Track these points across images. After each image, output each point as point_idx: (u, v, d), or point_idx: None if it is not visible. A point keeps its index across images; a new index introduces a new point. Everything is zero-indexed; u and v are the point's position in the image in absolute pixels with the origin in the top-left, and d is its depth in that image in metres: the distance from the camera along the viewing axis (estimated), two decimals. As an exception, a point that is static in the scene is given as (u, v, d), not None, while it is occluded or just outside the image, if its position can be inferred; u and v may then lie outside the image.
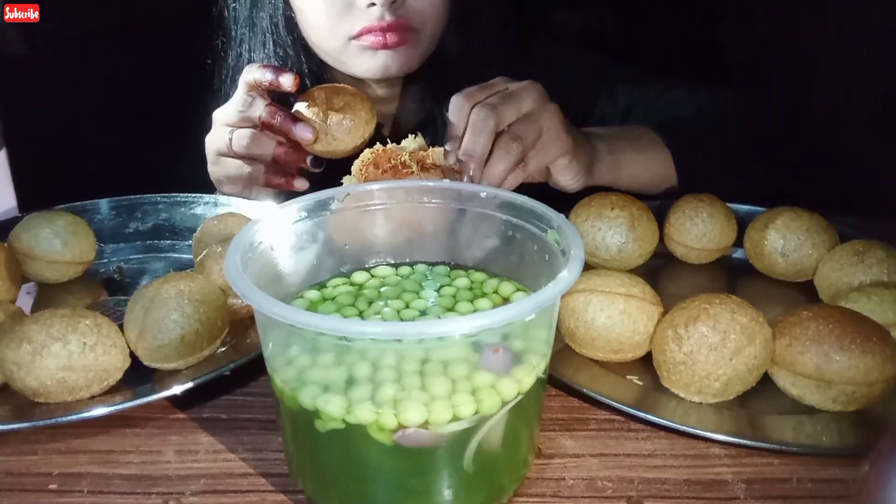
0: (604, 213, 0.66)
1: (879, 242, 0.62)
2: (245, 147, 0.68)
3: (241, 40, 0.83)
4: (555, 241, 0.45)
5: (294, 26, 0.80)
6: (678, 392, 0.51)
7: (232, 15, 0.83)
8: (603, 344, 0.54)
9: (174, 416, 0.51)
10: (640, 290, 0.54)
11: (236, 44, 0.83)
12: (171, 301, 0.52)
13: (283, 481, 0.46)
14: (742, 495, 0.44)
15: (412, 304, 0.49)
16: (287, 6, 0.79)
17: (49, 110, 1.06)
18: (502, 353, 0.41)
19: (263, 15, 0.80)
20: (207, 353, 0.54)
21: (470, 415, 0.39)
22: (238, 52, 0.83)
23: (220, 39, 0.84)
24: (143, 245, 0.75)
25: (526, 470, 0.45)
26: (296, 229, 0.49)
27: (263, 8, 0.80)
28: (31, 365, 0.48)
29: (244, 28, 0.82)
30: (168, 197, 0.77)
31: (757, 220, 0.68)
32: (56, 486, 0.46)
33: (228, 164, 0.72)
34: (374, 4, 0.72)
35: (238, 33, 0.83)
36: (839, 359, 0.49)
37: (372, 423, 0.39)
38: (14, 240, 0.66)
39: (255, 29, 0.81)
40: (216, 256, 0.59)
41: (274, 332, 0.42)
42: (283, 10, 0.79)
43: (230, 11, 0.83)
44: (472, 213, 0.51)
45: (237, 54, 0.83)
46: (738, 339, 0.49)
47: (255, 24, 0.81)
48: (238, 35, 0.83)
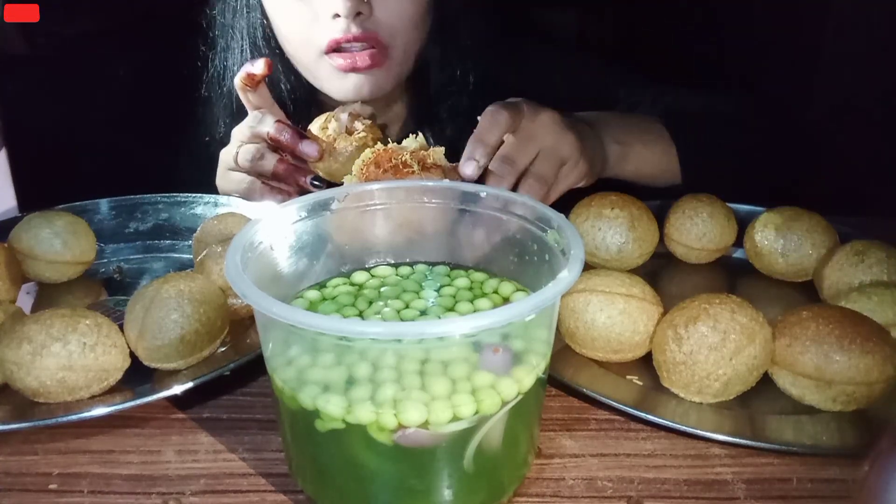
0: (604, 213, 0.66)
1: (879, 242, 0.62)
2: (248, 161, 0.69)
3: (223, 48, 0.83)
4: (555, 241, 0.45)
5: (271, 36, 0.80)
6: (678, 392, 0.51)
7: (218, 21, 0.83)
8: (603, 344, 0.54)
9: (174, 416, 0.51)
10: (640, 290, 0.54)
11: (220, 50, 0.83)
12: (171, 301, 0.52)
13: (283, 481, 0.46)
14: (742, 495, 0.44)
15: (412, 304, 0.49)
16: (263, 16, 0.79)
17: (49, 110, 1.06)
18: (502, 353, 0.41)
19: (243, 24, 0.80)
20: (207, 353, 0.54)
21: (470, 415, 0.39)
22: (223, 59, 0.83)
23: (204, 46, 0.84)
24: (143, 245, 0.75)
25: (526, 470, 0.45)
26: (296, 229, 0.49)
27: (242, 16, 0.80)
28: (31, 365, 0.48)
29: (226, 35, 0.82)
30: (168, 197, 0.77)
31: (757, 220, 0.68)
32: (56, 486, 0.45)
33: (232, 178, 0.72)
34: (338, 16, 0.72)
35: (220, 40, 0.83)
36: (839, 359, 0.49)
37: (372, 423, 0.39)
38: (14, 240, 0.66)
39: (235, 37, 0.81)
40: (216, 256, 0.59)
41: (274, 332, 0.42)
42: (260, 20, 0.79)
43: (212, 18, 0.83)
44: (472, 213, 0.51)
45: (221, 59, 0.83)
46: (738, 339, 0.49)
47: (234, 32, 0.81)
48: (220, 42, 0.83)
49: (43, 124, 1.03)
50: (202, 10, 0.84)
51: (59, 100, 1.06)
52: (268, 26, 0.79)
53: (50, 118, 1.06)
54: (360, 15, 0.73)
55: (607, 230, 0.65)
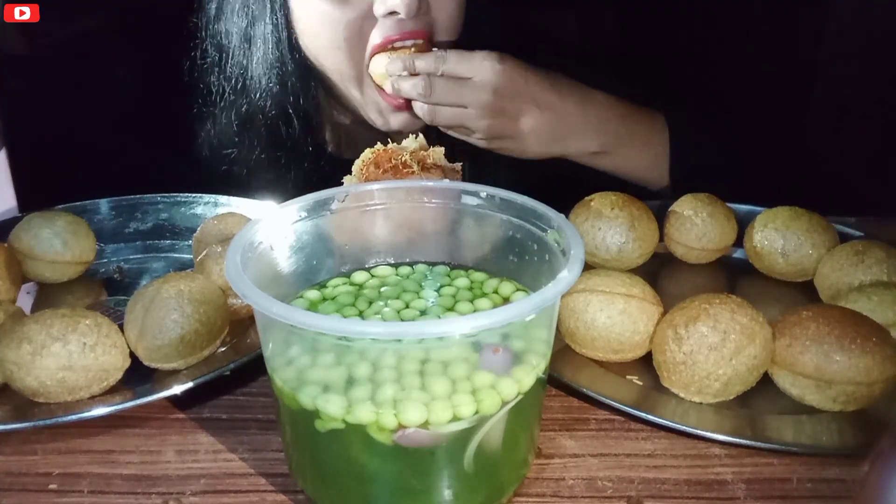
0: (604, 213, 0.66)
1: (879, 242, 0.62)
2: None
3: (234, 53, 0.80)
4: (555, 241, 0.45)
5: (295, 46, 0.77)
6: (678, 392, 0.51)
7: (223, 28, 0.80)
8: (603, 344, 0.54)
9: (174, 416, 0.51)
10: (640, 290, 0.54)
11: (231, 58, 0.81)
12: (171, 301, 0.52)
13: (283, 481, 0.46)
14: (742, 495, 0.44)
15: (412, 304, 0.49)
16: (289, 27, 0.76)
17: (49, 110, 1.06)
18: (502, 353, 0.41)
19: (261, 32, 0.78)
20: (207, 353, 0.54)
21: (470, 415, 0.39)
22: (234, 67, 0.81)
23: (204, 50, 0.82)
24: (143, 245, 0.75)
25: (526, 470, 0.45)
26: (296, 229, 0.49)
27: (261, 25, 0.77)
28: (31, 365, 0.48)
29: (236, 42, 0.80)
30: (168, 197, 0.77)
31: (757, 220, 0.68)
32: (56, 486, 0.46)
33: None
34: (393, 14, 0.71)
35: (228, 46, 0.80)
36: (839, 359, 0.49)
37: (372, 423, 0.39)
38: (14, 240, 0.66)
39: (255, 43, 0.79)
40: (216, 256, 0.59)
41: (274, 332, 0.42)
42: (284, 30, 0.77)
43: (209, 20, 0.81)
44: (472, 213, 0.51)
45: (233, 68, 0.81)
46: (738, 339, 0.49)
47: (251, 40, 0.79)
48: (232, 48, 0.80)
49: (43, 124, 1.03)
50: (202, 12, 0.83)
51: (59, 100, 1.06)
52: (293, 34, 0.77)
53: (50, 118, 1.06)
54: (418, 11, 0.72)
55: (607, 230, 0.65)
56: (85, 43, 1.11)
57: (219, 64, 0.83)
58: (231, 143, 0.84)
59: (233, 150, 0.85)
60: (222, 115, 0.84)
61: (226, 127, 0.84)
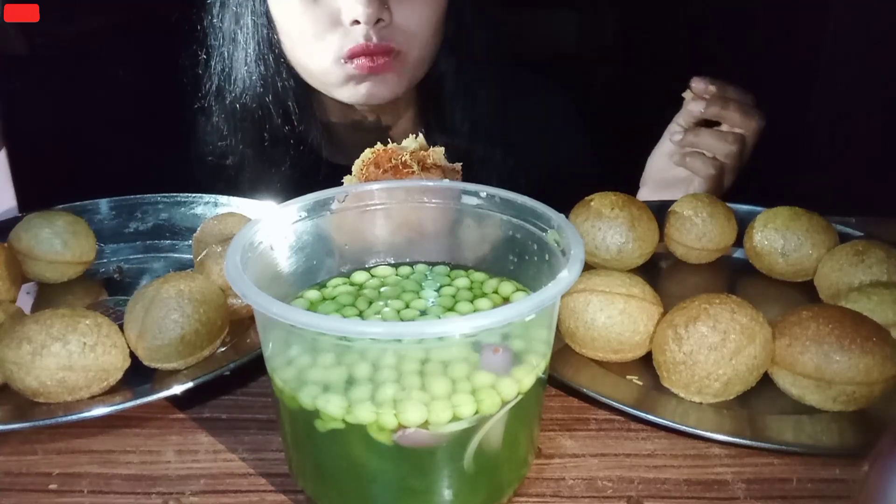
0: (604, 213, 0.66)
1: (879, 242, 0.62)
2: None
3: (223, 52, 0.82)
4: (555, 241, 0.45)
5: (275, 44, 0.79)
6: (678, 392, 0.51)
7: (217, 25, 0.82)
8: (603, 344, 0.54)
9: (174, 416, 0.51)
10: (640, 290, 0.54)
11: (219, 54, 0.82)
12: (171, 301, 0.52)
13: (283, 481, 0.46)
14: (742, 495, 0.44)
15: (412, 304, 0.49)
16: (270, 25, 0.78)
17: (49, 110, 1.06)
18: (502, 353, 0.41)
19: (246, 30, 0.79)
20: (207, 353, 0.54)
21: (470, 415, 0.39)
22: (222, 62, 0.82)
23: (202, 49, 0.83)
24: (143, 245, 0.75)
25: (526, 470, 0.45)
26: (296, 229, 0.49)
27: (245, 22, 0.79)
28: (31, 365, 0.48)
29: (226, 40, 0.81)
30: (168, 197, 0.77)
31: (757, 220, 0.68)
32: (56, 486, 0.45)
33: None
34: (357, 22, 0.72)
35: (219, 44, 0.82)
36: (839, 359, 0.49)
37: (372, 423, 0.39)
38: (14, 240, 0.66)
39: (237, 42, 0.80)
40: (216, 256, 0.59)
41: (274, 332, 0.42)
42: (265, 26, 0.78)
43: (210, 22, 0.82)
44: (472, 213, 0.51)
45: (220, 62, 0.82)
46: (738, 339, 0.49)
47: (237, 37, 0.80)
48: (219, 46, 0.82)
49: (43, 124, 1.03)
50: (202, 13, 0.83)
51: (59, 100, 1.06)
52: (273, 32, 0.79)
53: (50, 118, 1.06)
54: (380, 21, 0.73)
55: (607, 230, 0.65)
56: (85, 43, 1.11)
57: (219, 64, 0.83)
58: (231, 143, 0.84)
59: (232, 150, 0.85)
60: (222, 115, 0.85)
61: (225, 127, 0.84)
